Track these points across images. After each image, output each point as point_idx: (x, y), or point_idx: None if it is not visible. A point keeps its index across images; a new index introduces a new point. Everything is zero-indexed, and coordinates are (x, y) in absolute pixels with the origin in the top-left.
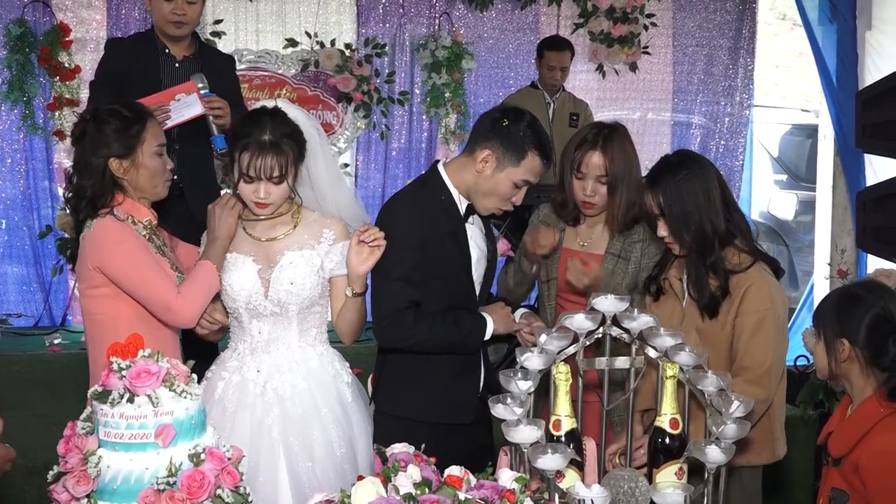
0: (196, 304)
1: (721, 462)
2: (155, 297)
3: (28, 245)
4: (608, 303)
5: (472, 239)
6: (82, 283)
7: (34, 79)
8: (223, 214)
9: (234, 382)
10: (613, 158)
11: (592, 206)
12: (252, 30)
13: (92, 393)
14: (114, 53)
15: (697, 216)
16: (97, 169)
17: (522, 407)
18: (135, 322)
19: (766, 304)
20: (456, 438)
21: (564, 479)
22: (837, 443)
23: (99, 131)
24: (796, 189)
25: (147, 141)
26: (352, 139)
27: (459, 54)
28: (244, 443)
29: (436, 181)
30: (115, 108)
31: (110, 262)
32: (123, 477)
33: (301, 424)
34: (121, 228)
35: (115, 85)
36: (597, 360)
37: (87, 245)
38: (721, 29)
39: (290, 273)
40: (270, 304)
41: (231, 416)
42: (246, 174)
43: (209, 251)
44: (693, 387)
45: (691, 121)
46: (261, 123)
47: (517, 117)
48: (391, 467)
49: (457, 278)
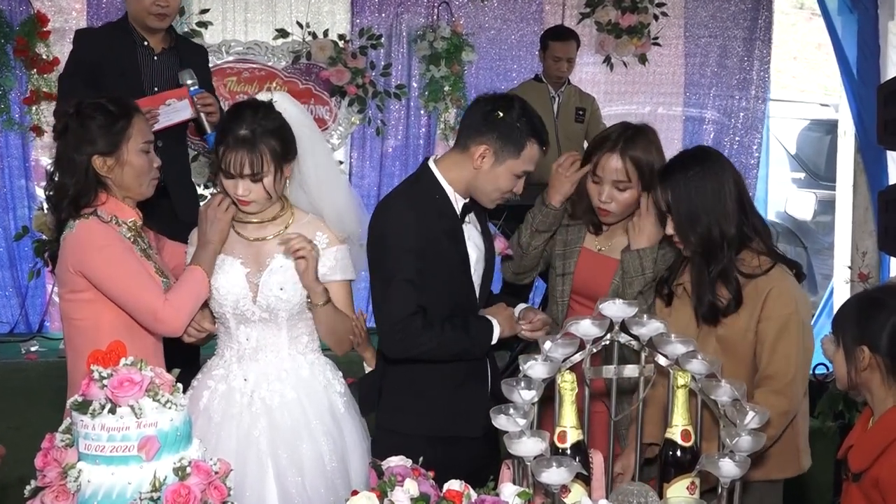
0: (184, 312)
1: (735, 476)
2: (141, 304)
3: (3, 247)
4: (616, 308)
5: (470, 238)
6: (62, 286)
7: (10, 71)
8: (216, 217)
9: (219, 391)
10: (637, 163)
11: (608, 214)
12: (240, 20)
13: (72, 403)
14: (85, 43)
15: (705, 219)
16: (80, 166)
17: (526, 418)
18: (118, 328)
19: (790, 308)
20: (463, 451)
21: (570, 493)
22: (857, 457)
23: (82, 126)
24: (815, 188)
25: (133, 137)
26: (346, 135)
27: (459, 45)
28: (230, 455)
29: (428, 179)
30: (99, 102)
31: (94, 266)
32: (105, 492)
33: (290, 436)
34: (105, 231)
35: (88, 76)
36: (604, 368)
37: (68, 247)
38: (735, 19)
39: (279, 277)
40: (259, 310)
41: (217, 426)
42: (224, 170)
43: (199, 255)
44: (706, 397)
45: (704, 116)
46: (241, 117)
47: (509, 106)
48: (387, 481)
49: (456, 279)
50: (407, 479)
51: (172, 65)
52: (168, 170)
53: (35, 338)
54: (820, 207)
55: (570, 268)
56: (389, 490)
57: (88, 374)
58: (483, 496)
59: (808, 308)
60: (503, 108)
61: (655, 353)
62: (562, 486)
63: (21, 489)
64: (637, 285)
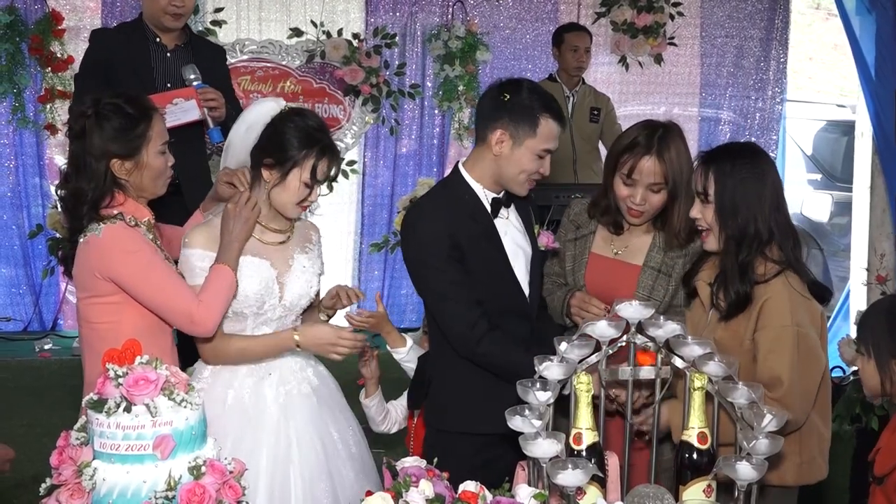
0: (217, 312)
1: (752, 479)
2: (177, 308)
3: (17, 245)
4: (632, 309)
5: (507, 235)
6: (82, 290)
7: (25, 69)
8: (241, 216)
9: (248, 386)
10: (671, 164)
11: (640, 215)
12: (255, 18)
13: (87, 402)
14: (99, 43)
15: (745, 212)
16: (98, 171)
17: (541, 419)
18: (139, 331)
19: (785, 321)
20: (506, 450)
21: (585, 495)
22: (882, 460)
23: (101, 129)
24: (831, 189)
25: (153, 140)
26: (359, 134)
27: (474, 45)
28: (271, 448)
29: (458, 181)
30: (117, 103)
31: (126, 272)
32: (120, 490)
33: (321, 422)
34: (133, 235)
35: (102, 75)
36: (620, 369)
37: (93, 251)
38: (752, 19)
39: (304, 276)
40: (282, 309)
41: (254, 422)
42: (317, 178)
43: (226, 255)
44: (722, 399)
45: (720, 116)
46: (322, 127)
47: (516, 87)
48: (402, 482)
49: (500, 279)
50: (422, 480)
51: (185, 62)
52: (181, 167)
53: (48, 336)
54: (836, 209)
55: (581, 280)
56: (404, 490)
57: (104, 373)
58: (498, 497)
59: (813, 322)
60: (510, 91)
61: (672, 355)
62: (577, 487)
63: (36, 487)
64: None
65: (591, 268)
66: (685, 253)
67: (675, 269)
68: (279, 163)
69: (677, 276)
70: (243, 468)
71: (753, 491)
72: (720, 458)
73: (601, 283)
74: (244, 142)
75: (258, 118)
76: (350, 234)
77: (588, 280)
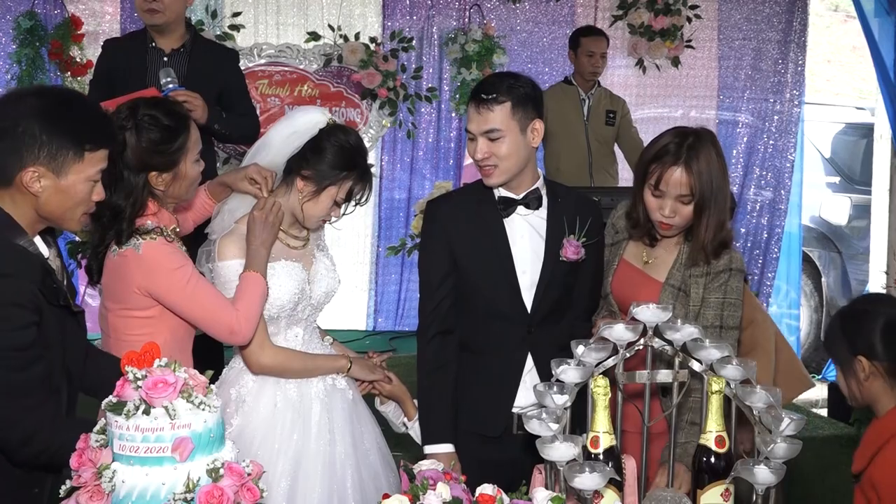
0: (254, 321)
1: (771, 483)
2: (220, 321)
3: None
4: (650, 313)
5: (523, 237)
6: (116, 302)
7: (45, 74)
8: (268, 221)
9: (290, 390)
10: (701, 176)
11: (670, 228)
12: (272, 23)
13: (106, 404)
14: (105, 54)
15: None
16: (136, 186)
17: (558, 422)
18: (170, 343)
19: None
20: (494, 450)
21: (603, 499)
22: (857, 458)
23: (140, 143)
24: (850, 192)
25: (190, 150)
26: (377, 138)
27: (491, 48)
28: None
29: None
30: (155, 114)
31: (168, 289)
32: (139, 492)
33: (357, 420)
34: (172, 251)
35: (108, 85)
36: (637, 373)
37: (134, 268)
38: (770, 21)
39: (329, 274)
40: (310, 309)
41: (303, 416)
42: (352, 199)
43: (255, 261)
44: (741, 403)
45: (738, 119)
46: (365, 151)
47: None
48: (419, 485)
49: (495, 280)
50: (439, 483)
51: (180, 65)
52: None
53: None
54: (855, 212)
55: (608, 287)
56: (422, 494)
57: (123, 375)
58: (515, 500)
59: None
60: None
61: (689, 359)
62: (594, 491)
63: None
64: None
65: (618, 275)
66: (707, 273)
67: (693, 287)
68: (318, 178)
69: (696, 296)
70: (261, 470)
71: (772, 495)
72: (738, 462)
73: (626, 292)
74: (286, 146)
75: (306, 127)
76: (367, 238)
77: (614, 287)
